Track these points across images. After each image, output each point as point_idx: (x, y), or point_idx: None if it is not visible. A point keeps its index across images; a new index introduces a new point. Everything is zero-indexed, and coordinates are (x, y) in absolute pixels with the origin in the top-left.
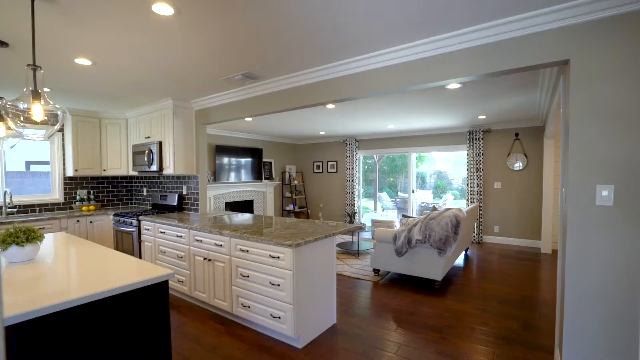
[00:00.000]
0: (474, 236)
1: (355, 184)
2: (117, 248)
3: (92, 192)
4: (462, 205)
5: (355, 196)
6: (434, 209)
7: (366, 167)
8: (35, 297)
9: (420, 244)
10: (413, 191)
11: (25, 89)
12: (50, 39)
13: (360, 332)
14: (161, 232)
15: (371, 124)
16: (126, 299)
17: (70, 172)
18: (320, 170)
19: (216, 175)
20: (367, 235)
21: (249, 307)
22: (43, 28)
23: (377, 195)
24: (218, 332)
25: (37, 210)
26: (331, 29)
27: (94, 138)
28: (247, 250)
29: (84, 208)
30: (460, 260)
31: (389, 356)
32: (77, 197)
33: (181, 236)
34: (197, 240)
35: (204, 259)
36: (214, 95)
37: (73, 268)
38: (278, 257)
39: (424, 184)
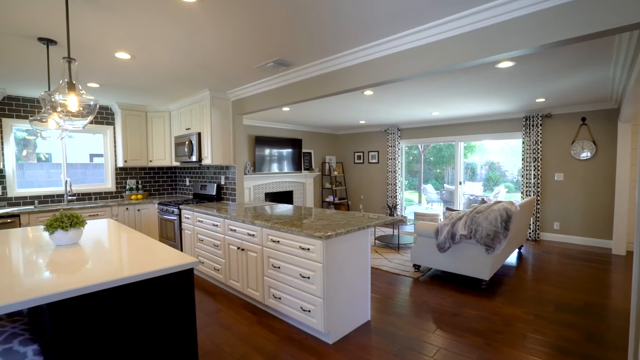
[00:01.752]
0: (530, 233)
1: (397, 175)
2: (161, 235)
3: (140, 181)
4: (517, 198)
5: (397, 188)
6: (483, 202)
7: (410, 157)
8: (64, 281)
9: (465, 240)
10: (460, 183)
11: (61, 81)
12: (92, 35)
13: (396, 331)
14: (199, 221)
15: (414, 111)
16: (154, 283)
17: (120, 163)
18: (361, 161)
19: (256, 166)
20: (409, 228)
21: (279, 298)
22: (84, 25)
23: (422, 187)
24: (250, 321)
25: (93, 198)
26: (364, 5)
27: (141, 130)
28: (278, 241)
29: (132, 197)
30: (512, 259)
31: (425, 359)
32: (127, 187)
33: (217, 225)
34: (232, 230)
35: (238, 248)
36: (249, 85)
37: (109, 253)
38: (308, 249)
39: (474, 175)
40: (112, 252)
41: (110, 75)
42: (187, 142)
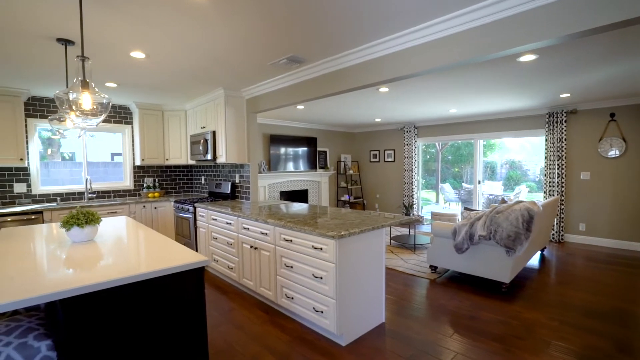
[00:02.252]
0: (553, 234)
1: (414, 173)
2: (177, 233)
3: (157, 179)
4: (539, 198)
5: (414, 187)
6: (503, 201)
7: (428, 156)
8: (75, 278)
9: (484, 241)
10: (479, 182)
11: (75, 79)
12: (107, 35)
13: (411, 334)
14: (213, 219)
15: (431, 109)
16: (165, 281)
17: (138, 162)
18: (377, 160)
19: (271, 164)
20: (426, 228)
21: (292, 298)
22: (99, 25)
23: (439, 187)
24: (262, 320)
25: (112, 196)
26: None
27: (158, 129)
28: (291, 240)
29: (149, 195)
30: (534, 261)
31: None
32: (145, 185)
33: (230, 223)
34: (245, 228)
35: (251, 247)
36: (262, 82)
37: (122, 251)
38: (321, 249)
39: (494, 174)
40: (125, 249)
41: (126, 74)
42: (202, 141)
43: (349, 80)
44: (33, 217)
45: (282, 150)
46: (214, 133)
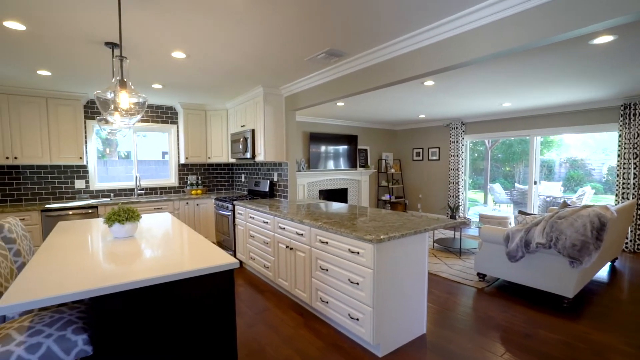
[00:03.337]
0: (627, 243)
1: (460, 173)
2: (217, 229)
3: (200, 177)
4: (608, 201)
5: (460, 187)
6: (565, 204)
7: (476, 154)
8: (111, 275)
9: (542, 249)
10: (535, 183)
11: (113, 79)
12: (149, 37)
13: (456, 349)
14: (251, 217)
15: (481, 103)
16: (196, 281)
17: (182, 160)
18: (420, 158)
19: (310, 162)
20: (473, 231)
21: (327, 302)
22: (141, 27)
23: (488, 187)
24: (296, 323)
25: (158, 192)
26: None
27: (201, 129)
28: (327, 242)
29: (193, 192)
30: (602, 273)
31: None
32: (188, 182)
33: (267, 222)
34: (281, 228)
35: (286, 247)
36: (301, 79)
37: (158, 249)
38: (358, 253)
39: (552, 174)
40: (161, 248)
41: (169, 75)
42: (241, 139)
43: (391, 73)
44: (90, 211)
45: (322, 148)
46: (253, 131)
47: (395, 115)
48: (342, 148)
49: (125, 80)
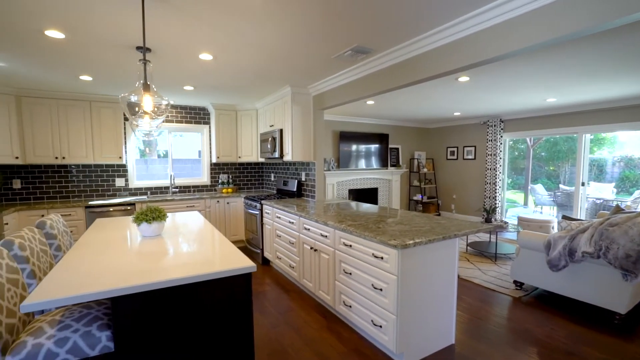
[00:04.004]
0: None
1: (498, 172)
2: (246, 228)
3: (230, 176)
4: None
5: (497, 187)
6: (618, 209)
7: (516, 153)
8: (132, 275)
9: (589, 259)
10: (583, 184)
11: (137, 83)
12: (177, 40)
13: None
14: (277, 217)
15: (521, 99)
16: (215, 283)
17: (214, 159)
18: (455, 157)
19: (340, 162)
20: (511, 235)
21: (350, 306)
22: (169, 30)
23: (529, 187)
24: (319, 325)
25: (191, 191)
26: None
27: (231, 128)
28: (351, 245)
29: (223, 190)
30: None
31: None
32: (219, 181)
33: (293, 223)
34: (306, 229)
35: (311, 248)
36: (328, 78)
37: (182, 250)
38: (382, 258)
39: (602, 174)
40: (186, 248)
41: (198, 77)
42: (269, 139)
43: (421, 70)
44: (128, 208)
45: (352, 147)
46: (281, 131)
47: (428, 113)
48: (373, 147)
49: (148, 83)
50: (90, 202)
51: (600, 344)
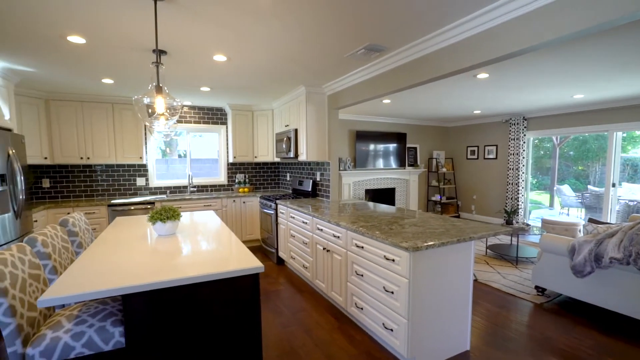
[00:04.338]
0: None
1: (520, 173)
2: (261, 227)
3: (247, 176)
4: None
5: (520, 188)
6: None
7: (541, 152)
8: (144, 273)
9: (617, 265)
10: (613, 185)
11: (149, 86)
12: (192, 41)
13: None
14: (291, 217)
15: (546, 95)
16: (223, 283)
17: (231, 159)
18: (475, 156)
19: (356, 161)
20: (534, 238)
21: (362, 308)
22: (183, 33)
23: (555, 188)
24: (331, 326)
25: (209, 190)
26: None
27: (248, 129)
28: (362, 247)
29: (240, 190)
30: None
31: None
32: (236, 180)
33: (306, 223)
34: (319, 229)
35: (324, 248)
36: (342, 77)
37: (193, 249)
38: (393, 260)
39: (636, 174)
40: (197, 247)
41: (214, 78)
42: (284, 139)
43: (436, 67)
44: (148, 206)
45: (369, 146)
46: (296, 131)
47: (447, 112)
48: (390, 146)
49: (161, 85)
50: (112, 201)
51: (629, 356)
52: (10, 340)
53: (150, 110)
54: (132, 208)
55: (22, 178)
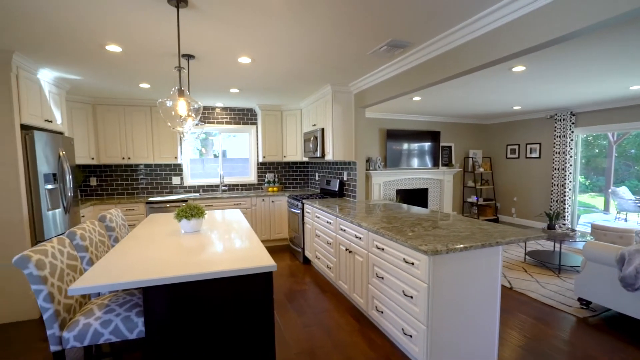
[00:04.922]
0: None
1: (567, 173)
2: (289, 227)
3: (276, 175)
4: None
5: (566, 190)
6: None
7: (596, 150)
8: (164, 268)
9: None
10: None
11: (172, 90)
12: (217, 45)
13: None
14: (317, 217)
15: (596, 88)
16: (238, 280)
17: (260, 159)
18: (516, 156)
19: (387, 161)
20: (582, 245)
21: (382, 312)
22: (209, 37)
23: (610, 190)
24: (352, 328)
25: (239, 189)
26: None
27: (277, 129)
28: (383, 249)
29: (269, 189)
30: None
31: None
32: (266, 180)
33: (330, 223)
34: (342, 230)
35: (346, 249)
36: (368, 74)
37: (214, 246)
38: (412, 264)
39: None
40: (218, 245)
41: (241, 79)
42: (312, 138)
43: (464, 60)
44: (182, 204)
45: (400, 145)
46: (322, 130)
47: (483, 108)
48: (423, 145)
49: (183, 89)
50: (150, 199)
51: None
52: (49, 323)
53: (173, 113)
54: (168, 205)
55: (70, 177)
